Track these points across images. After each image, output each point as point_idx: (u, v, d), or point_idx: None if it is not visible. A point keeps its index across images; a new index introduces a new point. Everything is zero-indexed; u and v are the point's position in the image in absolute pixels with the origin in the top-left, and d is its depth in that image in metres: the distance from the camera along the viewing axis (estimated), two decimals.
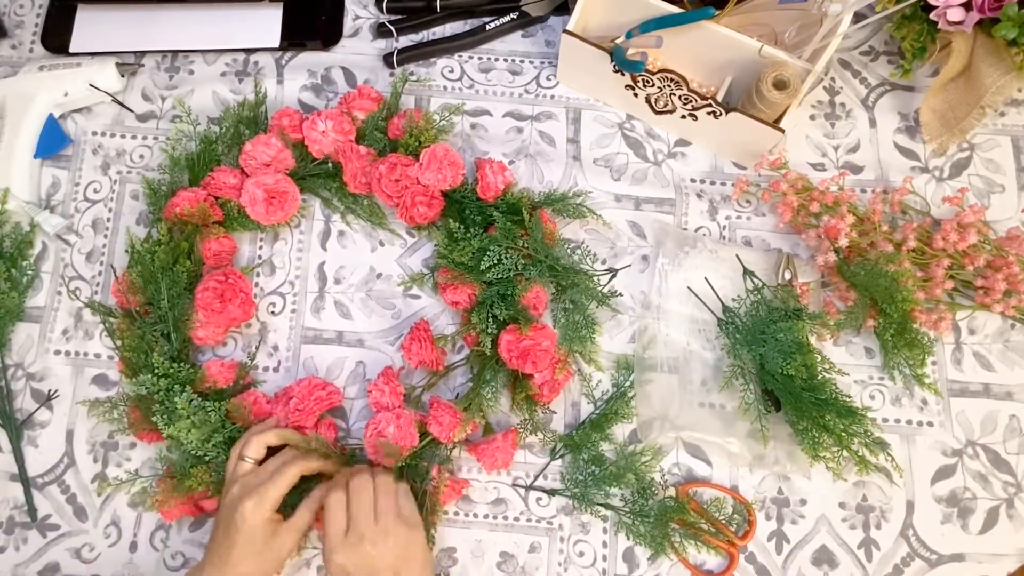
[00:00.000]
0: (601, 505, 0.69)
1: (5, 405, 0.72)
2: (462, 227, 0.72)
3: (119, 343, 0.71)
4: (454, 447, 0.70)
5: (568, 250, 0.74)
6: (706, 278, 0.75)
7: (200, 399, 0.66)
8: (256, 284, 0.77)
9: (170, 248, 0.71)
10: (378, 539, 0.58)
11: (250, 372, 0.73)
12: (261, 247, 0.78)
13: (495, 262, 0.69)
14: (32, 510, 0.70)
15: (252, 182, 0.73)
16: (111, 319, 0.73)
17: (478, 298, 0.71)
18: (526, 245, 0.70)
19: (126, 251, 0.73)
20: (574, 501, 0.69)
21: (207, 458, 0.66)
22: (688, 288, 0.75)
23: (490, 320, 0.69)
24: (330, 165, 0.77)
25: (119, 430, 0.71)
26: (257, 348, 0.74)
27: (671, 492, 0.70)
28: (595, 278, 0.74)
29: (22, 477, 0.70)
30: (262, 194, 0.73)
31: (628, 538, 0.69)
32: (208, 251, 0.73)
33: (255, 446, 0.64)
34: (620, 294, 0.75)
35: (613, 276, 0.75)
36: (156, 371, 0.67)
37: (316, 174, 0.77)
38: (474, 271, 0.70)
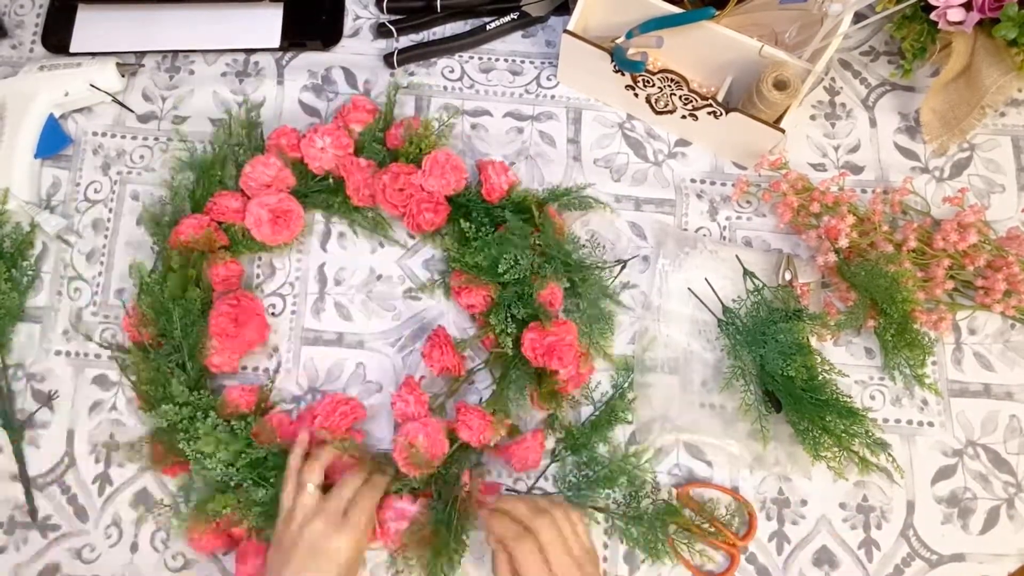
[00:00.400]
0: (593, 508, 0.69)
1: (5, 405, 0.72)
2: (473, 227, 0.71)
3: (133, 379, 0.70)
4: (482, 451, 0.70)
5: (579, 244, 0.74)
6: (706, 279, 0.75)
7: (225, 424, 0.66)
8: (256, 286, 0.77)
9: (178, 277, 0.70)
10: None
11: (271, 395, 0.72)
12: (259, 265, 0.77)
13: (512, 263, 0.68)
14: (33, 510, 0.70)
15: (255, 203, 0.72)
16: (123, 355, 0.72)
17: (495, 299, 0.71)
18: (539, 242, 0.70)
19: (134, 285, 0.73)
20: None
21: (232, 483, 0.65)
22: (688, 289, 0.75)
23: (509, 320, 0.69)
24: (331, 181, 0.77)
25: (143, 467, 0.70)
26: (276, 372, 0.74)
27: (667, 494, 0.70)
28: (607, 270, 0.74)
29: (23, 477, 0.70)
30: (266, 214, 0.72)
31: (622, 542, 0.69)
32: (216, 276, 0.72)
33: (317, 472, 0.63)
34: (635, 285, 0.76)
35: (623, 267, 0.76)
36: (177, 400, 0.66)
37: (318, 190, 0.77)
38: (490, 272, 0.70)
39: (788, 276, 0.74)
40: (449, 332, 0.73)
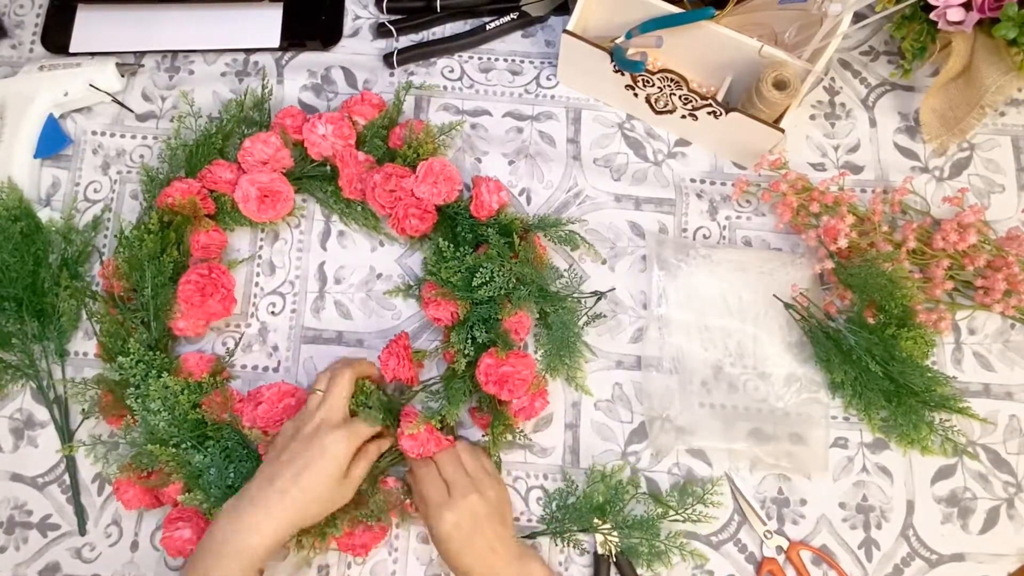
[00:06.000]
0: (581, 532, 0.69)
1: (63, 418, 0.72)
2: (452, 246, 0.70)
3: (98, 327, 0.71)
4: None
5: (556, 276, 0.73)
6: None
7: (176, 386, 0.66)
8: (256, 284, 0.77)
9: (159, 237, 0.71)
10: (480, 489, 0.64)
11: (227, 368, 0.73)
12: (261, 246, 0.78)
13: (488, 279, 0.68)
14: (82, 523, 0.70)
15: (246, 179, 0.73)
16: (92, 301, 0.73)
17: (460, 317, 0.70)
18: (513, 269, 0.69)
19: (115, 236, 0.73)
20: (554, 539, 0.69)
21: (172, 442, 0.65)
22: (690, 296, 0.75)
23: (469, 341, 0.68)
24: (328, 168, 0.77)
25: (89, 413, 0.71)
26: (236, 345, 0.74)
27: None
28: (582, 301, 0.74)
29: (73, 488, 0.70)
30: (255, 192, 0.73)
31: (615, 550, 0.68)
32: (196, 243, 0.73)
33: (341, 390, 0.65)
34: (604, 316, 0.75)
35: (599, 299, 0.75)
36: (132, 355, 0.66)
37: (313, 176, 0.77)
38: (460, 290, 0.69)
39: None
40: (436, 333, 0.73)
